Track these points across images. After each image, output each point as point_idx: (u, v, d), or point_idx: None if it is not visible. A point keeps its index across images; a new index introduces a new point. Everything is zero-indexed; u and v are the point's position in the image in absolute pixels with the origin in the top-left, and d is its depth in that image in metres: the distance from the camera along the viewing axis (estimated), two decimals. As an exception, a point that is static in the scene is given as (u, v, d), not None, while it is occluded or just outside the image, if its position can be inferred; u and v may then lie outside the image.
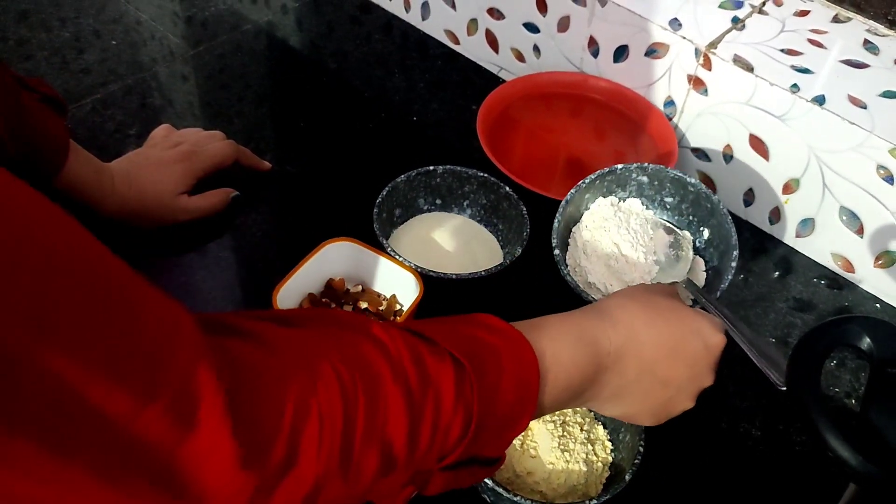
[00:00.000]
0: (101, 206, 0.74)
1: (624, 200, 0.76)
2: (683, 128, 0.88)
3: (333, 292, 0.72)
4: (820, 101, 0.76)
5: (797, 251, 0.85)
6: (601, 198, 0.75)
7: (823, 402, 0.40)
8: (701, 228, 0.75)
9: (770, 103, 0.79)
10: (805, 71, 0.79)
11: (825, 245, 0.83)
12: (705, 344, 0.54)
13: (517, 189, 0.79)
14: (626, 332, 0.52)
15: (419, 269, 0.71)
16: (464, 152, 0.89)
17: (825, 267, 0.84)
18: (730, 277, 0.68)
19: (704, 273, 0.74)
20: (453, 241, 0.81)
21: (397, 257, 0.72)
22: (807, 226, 0.83)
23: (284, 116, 0.94)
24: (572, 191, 0.72)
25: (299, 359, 0.39)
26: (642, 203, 0.76)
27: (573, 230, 0.74)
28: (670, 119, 0.88)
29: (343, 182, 0.88)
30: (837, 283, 0.83)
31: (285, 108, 0.95)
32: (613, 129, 0.92)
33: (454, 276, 0.71)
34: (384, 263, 0.71)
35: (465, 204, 0.83)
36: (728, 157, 0.85)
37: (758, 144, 0.82)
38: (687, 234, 0.75)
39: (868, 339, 0.41)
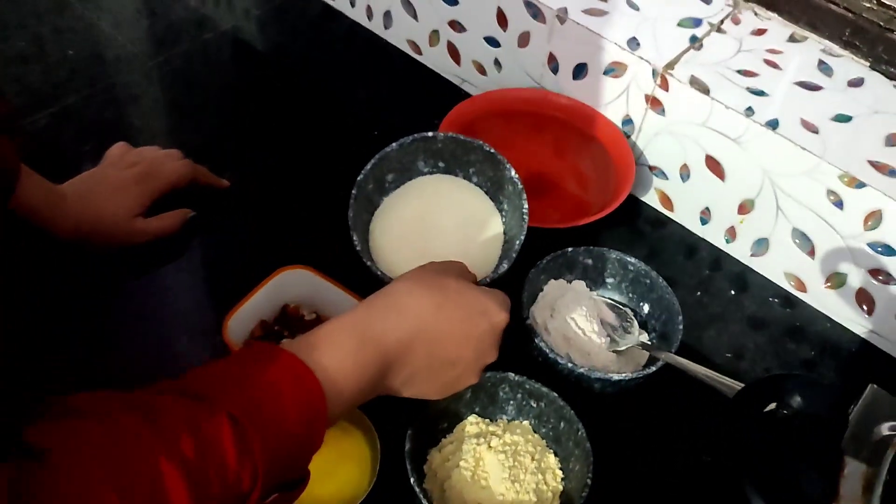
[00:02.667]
0: (54, 229, 0.74)
1: (571, 282, 0.80)
2: (641, 146, 0.88)
3: (287, 319, 0.72)
4: (773, 125, 0.76)
5: (752, 269, 0.86)
6: (552, 280, 0.79)
7: (751, 465, 0.41)
8: (641, 304, 0.79)
9: (725, 126, 0.79)
10: (760, 93, 0.80)
11: (779, 264, 0.84)
12: (490, 323, 0.59)
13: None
14: (414, 321, 0.55)
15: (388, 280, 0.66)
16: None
17: (779, 286, 0.85)
18: (679, 338, 0.73)
19: (650, 342, 0.77)
20: (451, 217, 0.73)
21: (367, 263, 0.67)
22: (761, 245, 0.84)
23: (245, 130, 0.93)
24: (533, 270, 0.75)
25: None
26: (586, 285, 0.80)
27: (531, 309, 0.76)
28: (628, 137, 0.88)
29: (304, 198, 0.87)
30: (790, 302, 0.84)
31: (246, 121, 0.95)
32: (573, 146, 0.92)
33: None
34: (339, 294, 0.71)
35: (471, 171, 0.75)
36: (685, 175, 0.86)
37: (714, 165, 0.83)
38: (628, 310, 0.78)
39: (798, 398, 0.42)
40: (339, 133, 0.95)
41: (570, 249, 0.78)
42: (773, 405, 0.43)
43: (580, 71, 0.88)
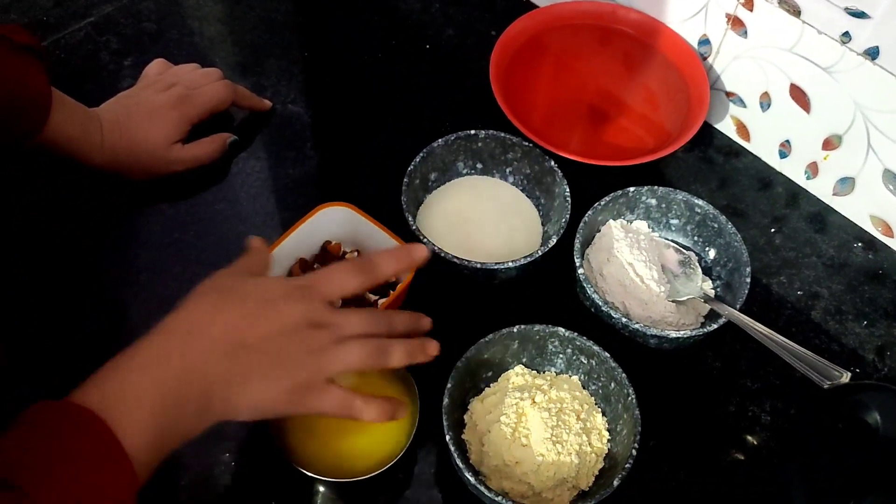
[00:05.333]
0: (90, 158, 0.71)
1: (631, 223, 0.74)
2: (718, 69, 0.80)
3: (327, 256, 0.69)
4: (873, 54, 0.67)
5: (833, 209, 0.79)
6: (611, 220, 0.73)
7: (812, 487, 0.37)
8: (707, 248, 0.73)
9: (816, 53, 0.70)
10: (860, 15, 0.70)
11: (864, 207, 0.76)
12: (276, 317, 0.51)
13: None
14: (208, 342, 0.50)
15: (445, 255, 0.66)
16: (481, 86, 0.82)
17: (862, 229, 0.78)
18: (746, 292, 0.67)
19: (713, 290, 0.71)
20: (491, 210, 0.75)
21: (422, 238, 0.67)
22: (846, 184, 0.76)
23: (290, 45, 0.88)
24: (589, 212, 0.70)
25: None
26: (648, 226, 0.74)
27: (587, 252, 0.72)
28: (704, 59, 0.80)
29: (349, 122, 0.83)
30: (874, 246, 0.77)
31: (291, 34, 0.89)
32: (643, 65, 0.84)
33: (478, 265, 0.67)
34: (379, 234, 0.67)
35: (507, 171, 0.77)
36: (765, 104, 0.78)
37: (799, 95, 0.74)
38: (692, 254, 0.73)
39: (876, 414, 0.37)
40: (388, 48, 0.88)
41: (631, 189, 0.72)
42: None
43: (654, -17, 0.79)
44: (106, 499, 0.45)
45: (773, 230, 0.78)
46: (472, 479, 0.57)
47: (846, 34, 0.68)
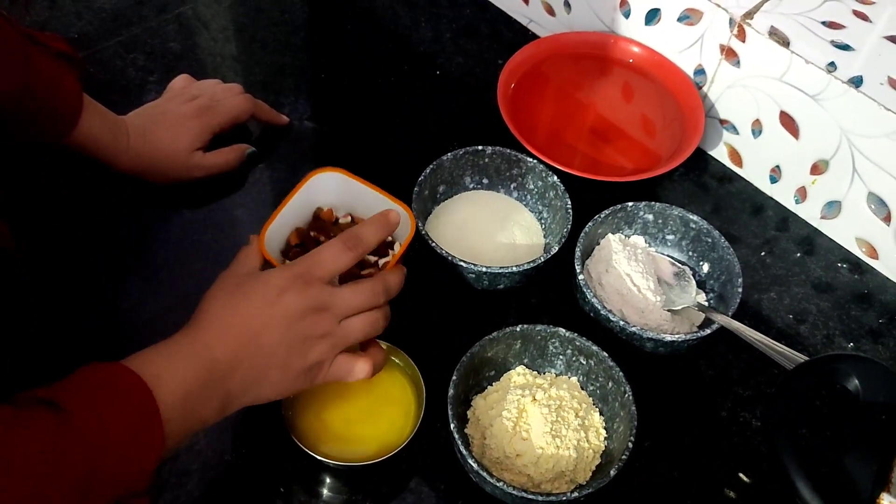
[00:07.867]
0: (116, 162, 0.75)
1: (629, 237, 0.78)
2: (713, 98, 0.84)
3: (321, 224, 0.68)
4: (857, 82, 0.72)
5: (821, 232, 0.83)
6: (610, 234, 0.77)
7: (798, 446, 0.40)
8: (701, 263, 0.77)
9: (804, 81, 0.75)
10: (845, 47, 0.75)
11: (850, 229, 0.80)
12: (283, 310, 0.56)
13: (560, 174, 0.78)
14: (230, 333, 0.55)
15: (452, 259, 0.70)
16: (488, 110, 0.87)
17: (848, 251, 0.82)
18: (738, 301, 0.71)
19: (707, 302, 0.75)
20: (496, 222, 0.79)
21: (430, 242, 0.71)
22: (833, 208, 0.80)
23: (307, 66, 0.93)
24: (590, 224, 0.74)
25: None
26: (645, 241, 0.78)
27: (586, 263, 0.75)
28: (700, 88, 0.85)
29: (362, 139, 0.87)
30: (859, 267, 0.81)
31: (308, 56, 0.94)
32: (642, 94, 0.89)
33: (484, 269, 0.70)
34: (374, 197, 0.67)
35: (512, 186, 0.81)
36: (757, 131, 0.82)
37: (788, 122, 0.79)
38: (686, 268, 0.77)
39: (856, 381, 0.40)
40: (401, 73, 0.93)
41: (630, 204, 0.76)
42: (829, 385, 0.41)
43: (653, 16, 0.84)
44: (133, 458, 0.48)
45: (763, 253, 0.82)
46: (474, 466, 0.59)
47: (832, 64, 0.73)
